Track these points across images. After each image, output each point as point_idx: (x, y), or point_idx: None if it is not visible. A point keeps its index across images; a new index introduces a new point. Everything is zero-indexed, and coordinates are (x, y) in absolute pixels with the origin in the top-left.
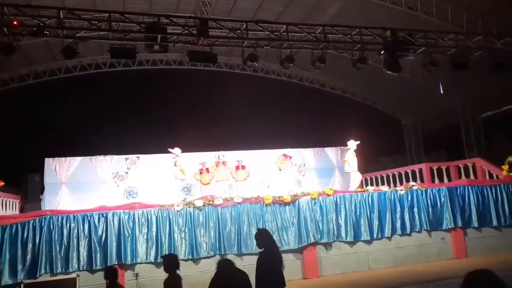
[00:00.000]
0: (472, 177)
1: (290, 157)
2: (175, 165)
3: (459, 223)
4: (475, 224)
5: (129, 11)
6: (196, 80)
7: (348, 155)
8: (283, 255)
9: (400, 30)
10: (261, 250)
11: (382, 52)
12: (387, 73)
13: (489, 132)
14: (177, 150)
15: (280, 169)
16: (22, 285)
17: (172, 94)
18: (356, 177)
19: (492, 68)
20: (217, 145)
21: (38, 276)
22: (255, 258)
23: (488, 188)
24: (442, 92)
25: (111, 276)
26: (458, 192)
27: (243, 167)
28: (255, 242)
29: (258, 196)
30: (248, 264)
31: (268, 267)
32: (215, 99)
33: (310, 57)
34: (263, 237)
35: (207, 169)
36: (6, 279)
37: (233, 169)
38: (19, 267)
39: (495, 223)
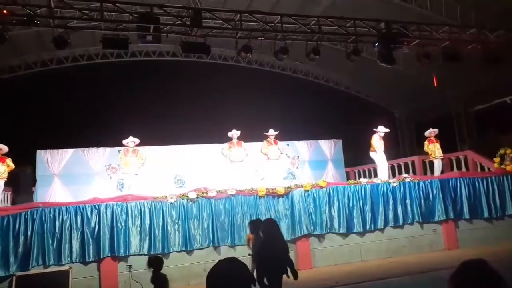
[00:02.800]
0: (463, 169)
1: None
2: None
3: (451, 215)
4: (467, 216)
5: (121, 0)
6: (189, 72)
7: (429, 145)
8: None
9: (394, 22)
10: (261, 236)
11: (376, 44)
12: (381, 66)
13: (481, 125)
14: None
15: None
16: (14, 278)
17: (166, 86)
18: (438, 164)
19: (485, 61)
20: (211, 137)
21: (30, 268)
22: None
23: (480, 180)
24: (435, 85)
25: (155, 266)
26: (450, 184)
27: (275, 142)
28: (248, 232)
29: (252, 188)
30: (241, 256)
31: (270, 255)
32: (207, 91)
33: (304, 49)
34: (268, 226)
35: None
36: None
37: (264, 144)
38: (11, 259)
39: (486, 215)
